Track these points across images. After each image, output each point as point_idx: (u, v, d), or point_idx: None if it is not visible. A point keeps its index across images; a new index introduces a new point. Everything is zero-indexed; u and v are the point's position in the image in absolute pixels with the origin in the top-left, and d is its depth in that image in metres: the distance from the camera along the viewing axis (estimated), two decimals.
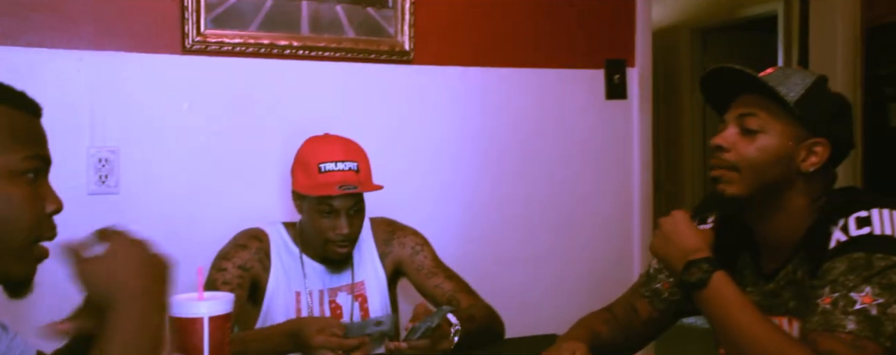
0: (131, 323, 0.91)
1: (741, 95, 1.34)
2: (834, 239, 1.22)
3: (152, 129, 2.05)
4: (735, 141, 1.31)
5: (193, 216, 2.07)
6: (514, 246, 2.50)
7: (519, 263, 2.51)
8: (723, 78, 1.35)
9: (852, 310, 1.13)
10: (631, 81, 2.63)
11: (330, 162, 1.75)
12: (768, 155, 1.29)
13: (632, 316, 1.59)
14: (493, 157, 2.47)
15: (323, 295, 1.85)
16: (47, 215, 0.99)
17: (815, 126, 1.28)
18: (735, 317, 1.22)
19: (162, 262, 1.00)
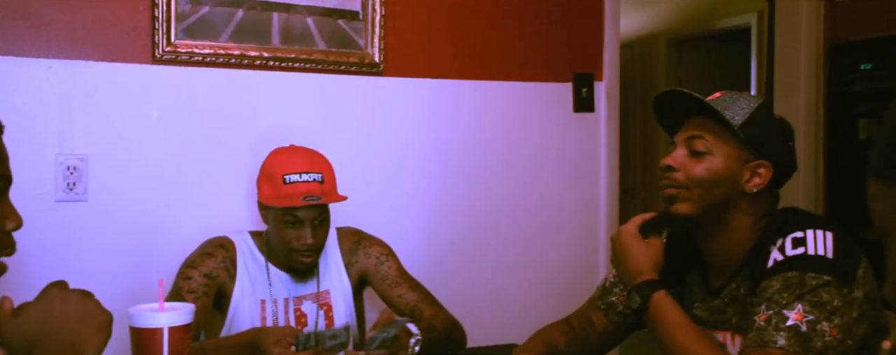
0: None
1: (690, 118, 1.39)
2: (772, 258, 1.27)
3: (121, 138, 2.07)
4: (684, 162, 1.36)
5: (161, 224, 2.09)
6: (482, 255, 2.54)
7: (486, 273, 2.54)
8: (674, 101, 1.40)
9: (784, 327, 1.18)
10: (598, 94, 2.68)
11: (294, 173, 1.78)
12: (715, 175, 1.34)
13: (588, 329, 1.64)
14: (462, 168, 2.51)
15: (288, 304, 1.87)
16: (6, 232, 1.01)
17: (759, 148, 1.34)
18: (673, 336, 1.27)
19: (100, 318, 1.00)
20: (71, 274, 1.09)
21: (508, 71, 2.55)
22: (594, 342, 1.64)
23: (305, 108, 2.29)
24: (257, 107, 2.22)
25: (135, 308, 1.27)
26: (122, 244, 2.05)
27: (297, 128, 2.16)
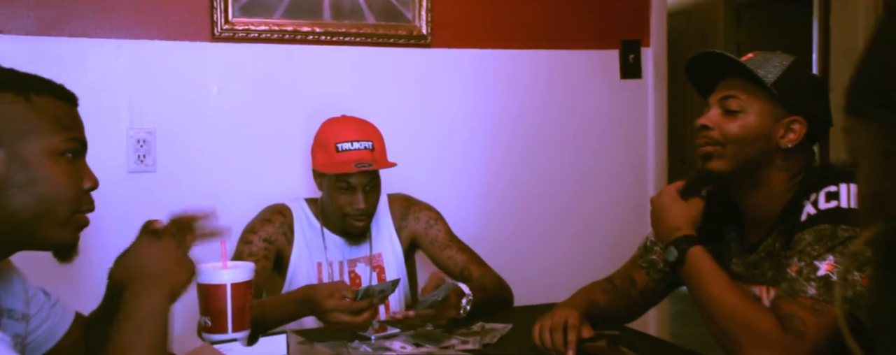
0: (142, 305, 1.06)
1: (723, 79, 1.42)
2: (805, 212, 1.30)
3: (186, 112, 2.20)
4: (718, 121, 1.40)
5: (223, 192, 2.22)
6: (530, 220, 2.60)
7: (534, 237, 2.61)
8: (707, 63, 1.43)
9: (815, 277, 1.22)
10: (646, 61, 2.69)
11: (346, 141, 1.87)
12: (749, 132, 1.37)
13: (629, 286, 1.69)
14: (509, 137, 2.57)
15: (343, 266, 1.98)
16: (85, 191, 1.11)
17: (792, 105, 1.36)
18: (706, 289, 1.32)
19: (184, 261, 1.15)
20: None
21: (554, 39, 2.59)
22: (636, 299, 1.69)
23: (357, 80, 2.38)
24: (311, 80, 2.32)
25: (200, 265, 1.39)
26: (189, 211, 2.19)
27: (349, 100, 2.25)
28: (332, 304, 1.53)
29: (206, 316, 1.36)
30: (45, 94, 1.09)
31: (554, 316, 1.51)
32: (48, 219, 1.06)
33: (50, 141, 1.07)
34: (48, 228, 1.06)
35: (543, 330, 1.48)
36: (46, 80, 1.12)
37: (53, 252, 1.11)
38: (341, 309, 1.53)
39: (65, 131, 1.09)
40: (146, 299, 1.07)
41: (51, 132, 1.07)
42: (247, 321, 1.37)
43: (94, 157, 1.21)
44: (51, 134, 1.07)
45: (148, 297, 1.07)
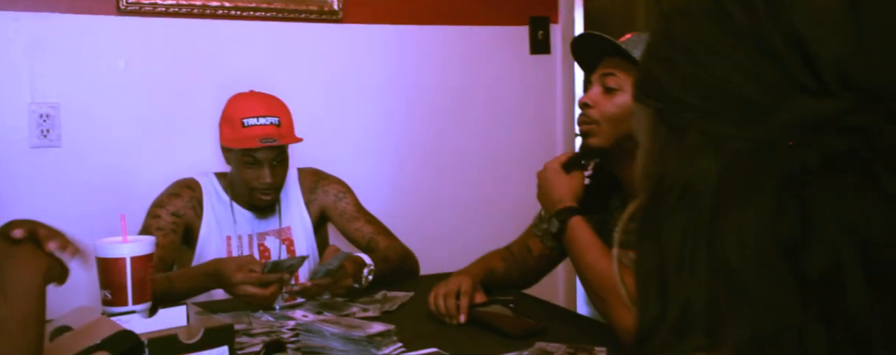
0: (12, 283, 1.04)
1: (604, 58, 1.51)
2: None
3: (91, 86, 2.18)
4: (598, 99, 1.49)
5: (131, 167, 2.22)
6: (440, 193, 2.68)
7: (444, 209, 2.69)
8: (589, 43, 1.52)
9: None
10: (554, 37, 2.78)
11: (252, 117, 1.90)
12: (624, 110, 1.46)
13: (526, 254, 1.79)
14: (419, 111, 2.63)
15: (252, 239, 2.02)
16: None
17: None
18: (582, 256, 1.42)
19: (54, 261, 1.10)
20: (47, 213, 1.19)
21: (465, 15, 2.65)
22: (532, 266, 1.79)
23: (267, 56, 2.39)
24: (220, 55, 2.33)
25: (100, 240, 1.41)
26: (95, 185, 2.19)
27: (260, 75, 2.27)
28: (240, 277, 1.58)
29: (107, 289, 1.39)
30: None
31: (448, 284, 1.60)
32: None
33: None
34: None
35: (437, 296, 1.56)
36: None
37: None
38: (249, 282, 1.57)
39: None
40: (18, 275, 1.05)
41: None
42: (148, 293, 1.41)
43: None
44: None
45: (20, 274, 1.05)
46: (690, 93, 0.46)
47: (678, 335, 0.45)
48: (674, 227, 0.46)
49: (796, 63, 0.43)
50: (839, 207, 0.41)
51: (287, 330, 1.49)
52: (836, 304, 0.40)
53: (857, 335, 0.40)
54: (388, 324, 1.40)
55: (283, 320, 1.56)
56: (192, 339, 1.25)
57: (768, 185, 0.42)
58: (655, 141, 0.50)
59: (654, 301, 0.47)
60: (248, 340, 1.43)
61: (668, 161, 0.48)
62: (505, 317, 1.52)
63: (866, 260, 0.40)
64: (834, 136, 0.42)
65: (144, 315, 1.36)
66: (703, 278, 0.44)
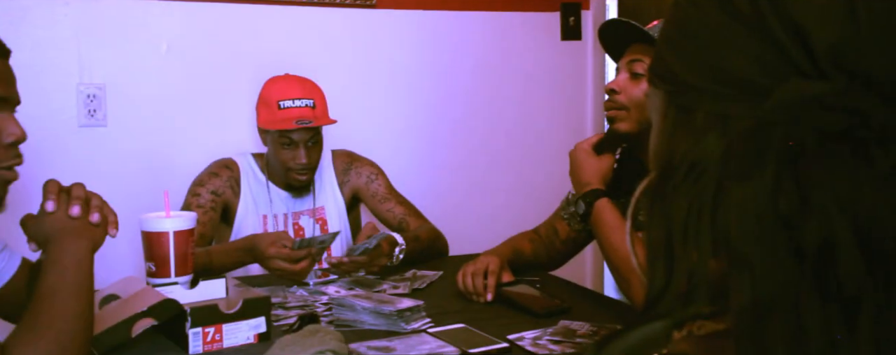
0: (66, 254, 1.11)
1: (631, 44, 1.53)
2: None
3: (135, 68, 2.26)
4: (625, 85, 1.51)
5: (173, 146, 2.30)
6: (470, 177, 2.73)
7: (474, 193, 2.74)
8: (617, 30, 1.54)
9: None
10: (585, 23, 2.80)
11: (288, 99, 1.96)
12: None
13: (553, 236, 1.83)
14: (451, 96, 2.67)
15: (287, 218, 2.09)
16: (6, 145, 1.13)
17: None
18: (607, 237, 1.45)
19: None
20: (93, 189, 1.24)
21: (497, 2, 2.67)
22: (559, 248, 1.83)
23: (303, 40, 2.45)
24: (258, 38, 2.39)
25: (145, 215, 1.49)
26: (138, 164, 2.28)
27: (295, 59, 2.32)
28: (272, 252, 1.64)
29: (151, 261, 1.46)
30: None
31: (476, 263, 1.64)
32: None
33: None
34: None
35: (466, 275, 1.61)
36: None
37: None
38: (281, 257, 1.64)
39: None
40: (69, 247, 1.12)
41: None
42: (189, 266, 1.48)
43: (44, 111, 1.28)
44: None
45: (71, 246, 1.12)
46: (698, 76, 0.50)
47: (683, 302, 0.48)
48: (680, 202, 0.49)
49: (794, 48, 0.46)
50: (834, 183, 0.44)
51: (320, 305, 1.55)
52: (830, 274, 0.44)
53: (848, 303, 0.44)
54: (417, 300, 1.46)
55: (316, 295, 1.63)
56: (232, 309, 1.32)
57: (769, 162, 0.46)
58: (666, 121, 0.54)
59: (661, 270, 0.50)
60: (284, 313, 1.50)
61: (677, 140, 0.51)
62: (531, 297, 1.56)
63: (858, 233, 0.44)
64: (828, 116, 0.45)
65: (186, 286, 1.44)
66: (706, 249, 0.48)
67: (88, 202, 1.17)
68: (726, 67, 0.48)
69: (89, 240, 1.15)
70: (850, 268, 0.44)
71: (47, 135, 2.07)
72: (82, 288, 1.12)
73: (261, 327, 1.34)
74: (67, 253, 1.12)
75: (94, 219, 1.16)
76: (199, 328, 1.28)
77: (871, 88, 0.45)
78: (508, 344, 1.29)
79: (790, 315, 0.44)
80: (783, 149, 0.46)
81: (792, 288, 0.44)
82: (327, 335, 1.23)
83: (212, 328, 1.29)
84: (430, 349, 1.20)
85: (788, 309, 0.44)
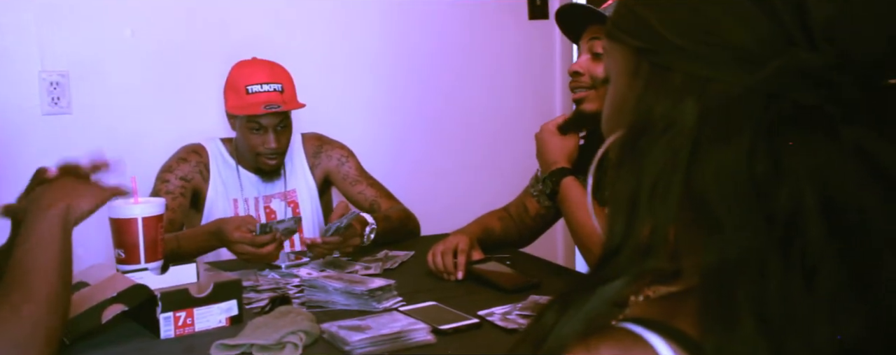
0: (35, 231, 1.09)
1: (589, 25, 1.55)
2: None
3: (99, 54, 2.23)
4: (588, 65, 1.54)
5: (140, 133, 2.28)
6: (439, 157, 2.74)
7: (443, 172, 2.75)
8: (573, 12, 1.56)
9: None
10: (552, 2, 2.80)
11: (256, 84, 1.95)
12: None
13: (523, 214, 1.86)
14: (419, 76, 2.67)
15: (258, 202, 2.09)
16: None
17: None
18: (573, 213, 1.48)
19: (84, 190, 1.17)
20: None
21: None
22: (529, 225, 1.86)
23: (270, 23, 2.43)
24: (224, 22, 2.37)
25: (113, 202, 1.47)
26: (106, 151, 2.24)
27: (262, 42, 2.31)
28: (237, 236, 1.65)
29: (120, 248, 1.46)
30: None
31: (446, 242, 1.66)
32: None
33: None
34: None
35: (436, 254, 1.63)
36: None
37: None
38: (245, 241, 1.65)
39: None
40: (40, 225, 1.10)
41: None
42: (159, 252, 1.48)
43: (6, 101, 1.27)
44: None
45: (41, 223, 1.10)
46: (680, 35, 0.50)
47: (639, 256, 0.49)
48: (654, 159, 0.49)
49: (790, 18, 0.47)
50: (806, 154, 0.46)
51: (292, 287, 1.56)
52: (796, 242, 0.45)
53: (809, 267, 0.45)
54: (388, 280, 1.47)
55: (288, 277, 1.63)
56: (203, 293, 1.32)
57: (746, 128, 0.47)
58: (636, 78, 0.53)
59: (622, 225, 0.50)
60: (255, 296, 1.50)
61: (651, 98, 0.51)
62: (501, 273, 1.58)
63: (825, 203, 0.45)
64: (809, 90, 0.46)
65: (156, 272, 1.44)
66: (672, 206, 0.49)
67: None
68: (716, 31, 0.49)
69: (61, 214, 1.11)
70: (813, 236, 0.45)
71: (10, 125, 2.04)
72: (51, 263, 1.08)
73: (232, 310, 1.35)
74: (37, 231, 1.10)
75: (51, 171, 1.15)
76: (171, 313, 1.29)
77: (854, 65, 0.46)
78: (479, 319, 1.31)
79: (755, 278, 0.45)
80: (761, 117, 0.46)
81: (759, 252, 0.46)
82: (299, 316, 1.25)
83: (183, 312, 1.30)
84: (401, 326, 1.21)
85: (754, 273, 0.46)
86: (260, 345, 1.16)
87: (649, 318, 0.49)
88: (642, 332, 0.48)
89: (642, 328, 0.48)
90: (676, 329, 0.47)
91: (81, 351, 1.21)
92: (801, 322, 0.45)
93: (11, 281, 1.07)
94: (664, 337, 0.47)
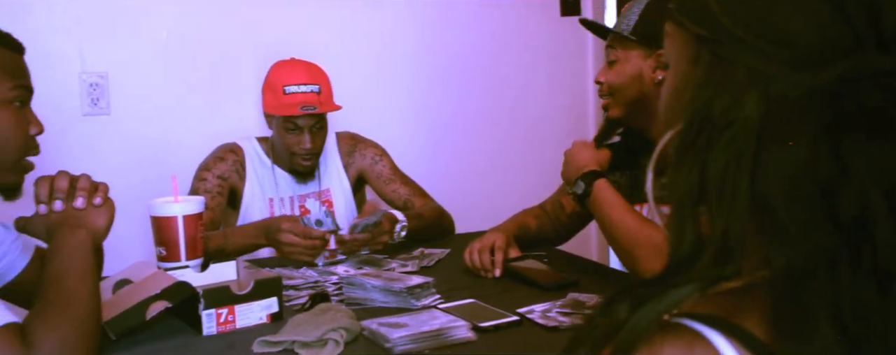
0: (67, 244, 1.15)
1: (607, 35, 1.57)
2: None
3: (137, 55, 2.26)
4: (604, 73, 1.57)
5: (177, 132, 2.31)
6: (472, 155, 2.74)
7: (476, 170, 2.75)
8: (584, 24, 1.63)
9: None
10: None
11: (294, 84, 1.96)
12: (624, 77, 1.53)
13: (559, 211, 1.85)
14: (451, 75, 2.67)
15: (293, 201, 2.10)
16: (31, 136, 1.19)
17: (653, 41, 1.50)
18: (607, 215, 1.46)
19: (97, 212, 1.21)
20: (99, 177, 1.27)
21: None
22: (564, 222, 1.85)
23: (307, 24, 2.45)
24: (261, 23, 2.39)
25: (154, 200, 1.50)
26: (143, 150, 2.29)
27: (299, 43, 2.32)
28: (287, 226, 1.67)
29: (162, 246, 1.47)
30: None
31: (483, 240, 1.66)
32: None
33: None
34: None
35: (473, 252, 1.63)
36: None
37: (1, 191, 1.20)
38: (295, 232, 1.66)
39: (11, 79, 1.14)
40: (70, 239, 1.16)
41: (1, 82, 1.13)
42: (199, 250, 1.49)
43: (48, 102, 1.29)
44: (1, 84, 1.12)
45: (71, 238, 1.16)
46: (744, 28, 0.49)
47: (717, 262, 0.48)
48: (717, 158, 0.48)
49: (862, 19, 0.46)
50: (870, 157, 0.45)
51: (330, 284, 1.57)
52: (865, 246, 0.44)
53: (881, 269, 0.44)
54: (426, 277, 1.47)
55: (325, 275, 1.64)
56: (243, 290, 1.33)
57: (809, 129, 0.46)
58: (697, 68, 0.52)
59: (690, 226, 0.49)
60: (295, 293, 1.51)
61: (712, 91, 0.50)
62: (538, 271, 1.58)
63: (892, 205, 0.44)
64: (875, 92, 0.45)
65: (197, 269, 1.45)
66: (741, 210, 0.47)
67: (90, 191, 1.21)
68: (782, 27, 0.48)
69: (86, 228, 1.18)
70: (883, 239, 0.44)
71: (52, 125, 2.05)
72: (86, 273, 1.14)
73: (273, 307, 1.36)
74: (67, 241, 1.16)
75: (77, 204, 1.18)
76: (213, 309, 1.30)
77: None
78: (519, 317, 1.30)
79: (826, 282, 0.44)
80: (825, 117, 0.45)
81: (828, 256, 0.45)
82: (339, 313, 1.25)
83: (224, 309, 1.31)
84: (441, 324, 1.21)
85: (825, 277, 0.44)
86: (302, 342, 1.17)
87: (709, 314, 0.47)
88: (702, 329, 0.46)
89: (702, 325, 0.47)
90: (740, 327, 0.46)
91: (127, 347, 1.23)
92: (877, 327, 0.44)
93: (53, 287, 1.11)
94: (726, 335, 0.46)
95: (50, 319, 1.04)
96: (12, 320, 1.02)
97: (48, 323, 1.03)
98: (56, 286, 1.11)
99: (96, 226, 1.20)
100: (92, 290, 1.13)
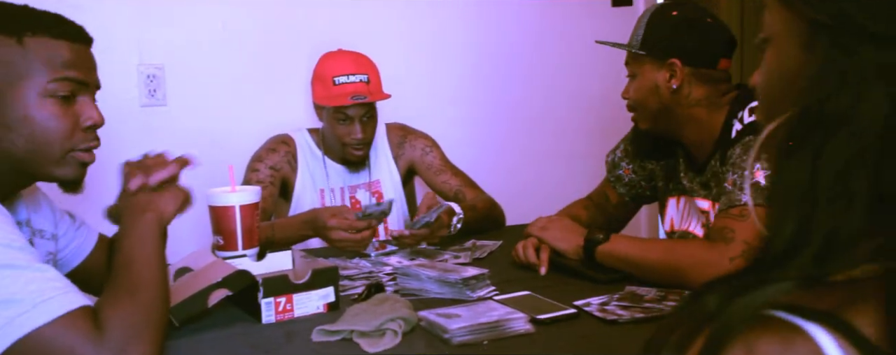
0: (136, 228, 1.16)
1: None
2: (734, 129, 1.43)
3: (193, 47, 2.30)
4: (628, 88, 1.60)
5: (230, 123, 2.34)
6: (522, 146, 2.72)
7: (526, 162, 2.73)
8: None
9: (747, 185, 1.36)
10: None
11: (343, 75, 1.97)
12: (641, 91, 1.55)
13: (605, 202, 1.86)
14: (504, 66, 2.66)
15: (344, 192, 2.12)
16: (85, 128, 1.16)
17: (660, 52, 1.50)
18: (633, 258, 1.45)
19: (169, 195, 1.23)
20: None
21: None
22: (612, 213, 1.86)
23: (355, 15, 2.46)
24: (312, 15, 2.41)
25: (211, 190, 1.52)
26: (198, 141, 2.31)
27: (348, 34, 2.33)
28: (334, 222, 1.67)
29: (219, 235, 1.49)
30: (40, 35, 1.11)
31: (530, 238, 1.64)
32: (42, 158, 1.13)
33: (39, 83, 1.10)
34: (45, 166, 1.14)
35: (523, 248, 1.61)
36: (46, 17, 1.14)
37: (59, 184, 1.19)
38: (343, 227, 1.66)
39: (57, 71, 1.11)
40: (139, 223, 1.16)
41: (41, 74, 1.10)
42: (255, 239, 1.51)
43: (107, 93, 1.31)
44: (40, 76, 1.10)
45: (140, 222, 1.17)
46: (874, 19, 0.46)
47: (820, 259, 0.45)
48: (833, 154, 0.45)
49: None
50: None
51: (384, 275, 1.57)
52: None
53: None
54: (481, 269, 1.47)
55: (379, 266, 1.65)
56: (301, 280, 1.35)
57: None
58: (810, 53, 0.49)
59: (792, 225, 0.46)
60: (349, 283, 1.52)
61: (829, 83, 0.47)
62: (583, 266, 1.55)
63: None
64: None
65: (254, 258, 1.47)
66: (859, 210, 0.45)
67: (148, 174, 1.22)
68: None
69: (153, 212, 1.18)
70: None
71: (110, 116, 2.09)
72: (152, 257, 1.15)
73: (330, 297, 1.37)
74: (134, 227, 1.16)
75: (132, 186, 1.20)
76: (272, 298, 1.31)
77: None
78: (576, 309, 1.29)
79: None
80: None
81: None
82: (397, 303, 1.25)
83: (283, 298, 1.32)
84: (499, 315, 1.21)
85: None
86: (360, 332, 1.18)
87: (808, 307, 0.44)
88: (803, 324, 0.43)
89: (802, 319, 0.43)
90: (847, 323, 0.43)
91: (189, 334, 1.25)
92: None
93: (122, 272, 1.12)
94: (829, 331, 0.42)
95: (120, 304, 1.06)
96: (86, 303, 1.04)
97: (119, 308, 1.05)
98: (124, 271, 1.12)
99: (164, 210, 1.20)
100: (159, 276, 1.14)
